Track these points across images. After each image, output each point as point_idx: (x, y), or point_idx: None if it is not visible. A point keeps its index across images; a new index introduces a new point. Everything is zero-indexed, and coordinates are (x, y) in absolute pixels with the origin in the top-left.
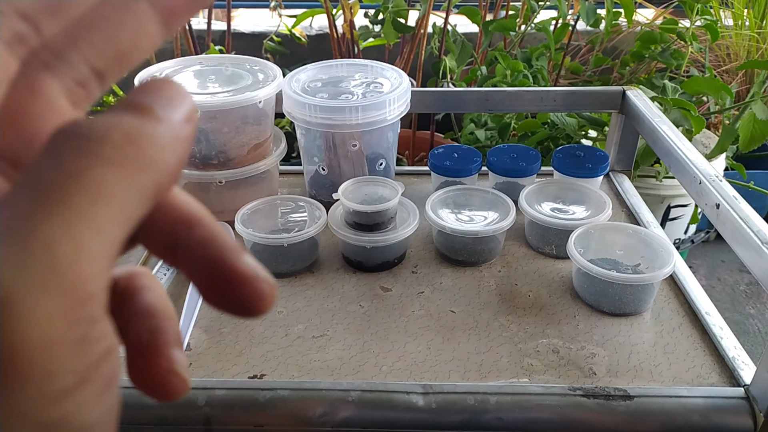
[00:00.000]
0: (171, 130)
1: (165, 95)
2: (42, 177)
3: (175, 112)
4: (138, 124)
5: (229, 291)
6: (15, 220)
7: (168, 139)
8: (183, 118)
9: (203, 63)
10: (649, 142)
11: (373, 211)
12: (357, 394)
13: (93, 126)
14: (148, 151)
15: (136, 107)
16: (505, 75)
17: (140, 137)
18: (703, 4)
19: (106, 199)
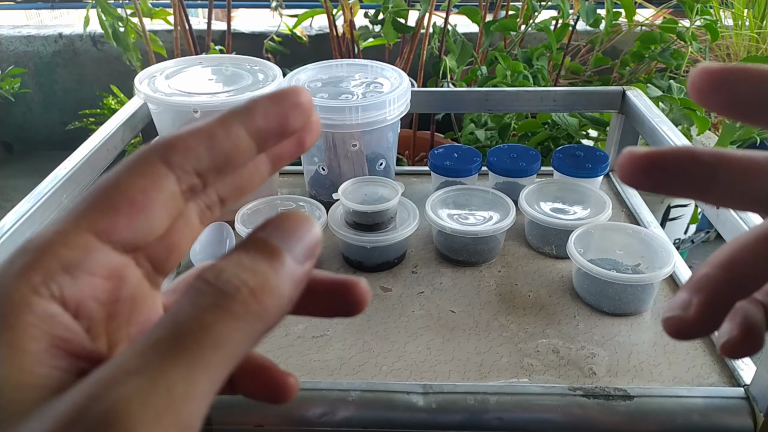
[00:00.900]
0: (292, 276)
1: (295, 234)
2: (181, 323)
3: (301, 251)
4: (265, 277)
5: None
6: (150, 359)
7: (287, 288)
8: (306, 255)
9: (203, 63)
10: (649, 142)
11: (373, 211)
12: (357, 394)
13: (227, 279)
14: (268, 304)
15: (269, 250)
16: (505, 75)
17: (264, 292)
18: (703, 4)
19: (224, 348)
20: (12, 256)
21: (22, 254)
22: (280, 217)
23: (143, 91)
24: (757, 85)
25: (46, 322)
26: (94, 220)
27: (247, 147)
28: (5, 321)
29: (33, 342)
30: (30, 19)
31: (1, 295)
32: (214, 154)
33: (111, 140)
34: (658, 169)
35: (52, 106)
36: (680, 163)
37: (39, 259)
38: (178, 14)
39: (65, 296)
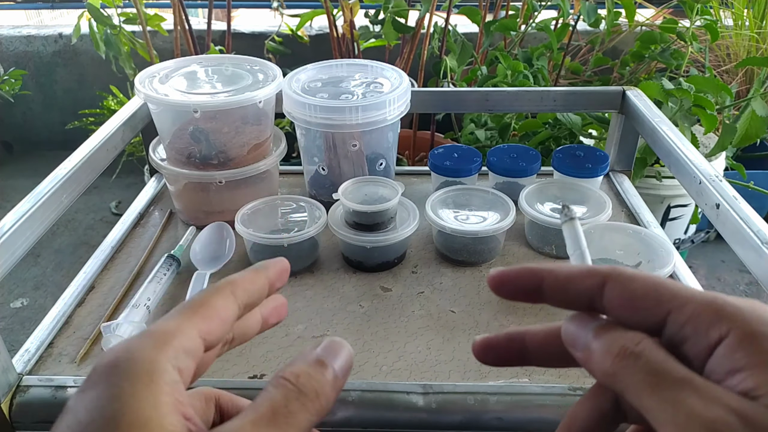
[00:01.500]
0: (335, 384)
1: (337, 354)
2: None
3: (340, 365)
4: (323, 385)
5: None
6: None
7: (333, 393)
8: (344, 370)
9: (203, 63)
10: (649, 142)
11: (373, 211)
12: (357, 394)
13: (303, 383)
14: (324, 404)
15: (321, 364)
16: (506, 75)
17: (321, 395)
18: (703, 4)
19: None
20: (145, 335)
21: (155, 335)
22: (329, 341)
23: (143, 91)
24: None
25: (173, 386)
26: (199, 323)
27: (264, 290)
28: (152, 378)
29: (167, 396)
30: (30, 19)
31: (148, 360)
32: (253, 294)
33: (111, 140)
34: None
35: (52, 106)
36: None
37: (170, 340)
38: (178, 14)
39: (182, 371)
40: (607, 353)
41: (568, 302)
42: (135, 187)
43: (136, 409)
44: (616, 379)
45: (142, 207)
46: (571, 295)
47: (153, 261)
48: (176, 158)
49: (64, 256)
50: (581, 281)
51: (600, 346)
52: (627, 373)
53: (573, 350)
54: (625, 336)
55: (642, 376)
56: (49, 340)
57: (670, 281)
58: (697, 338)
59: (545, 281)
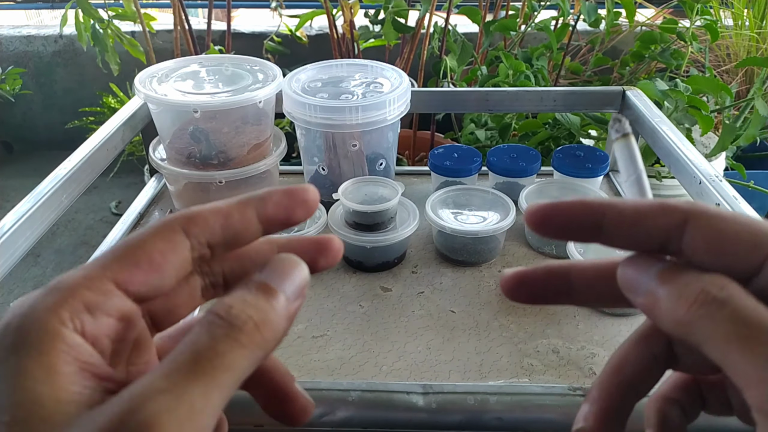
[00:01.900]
0: (286, 311)
1: (288, 276)
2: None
3: (293, 291)
4: (264, 311)
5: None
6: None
7: (282, 321)
8: (297, 294)
9: (203, 63)
10: (649, 142)
11: (373, 211)
12: (357, 394)
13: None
14: (268, 335)
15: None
16: (507, 74)
17: (265, 325)
18: (703, 4)
19: (233, 372)
20: (43, 292)
21: (52, 292)
22: (276, 260)
23: (143, 91)
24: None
25: (74, 349)
26: (116, 270)
27: (255, 229)
28: (42, 347)
29: (66, 365)
30: (30, 19)
31: (38, 325)
32: (227, 231)
33: (111, 140)
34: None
35: (52, 106)
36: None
37: (67, 297)
38: (178, 14)
39: (86, 331)
40: (681, 299)
41: (636, 242)
42: (135, 187)
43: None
44: (692, 328)
45: (142, 207)
46: (640, 235)
47: None
48: (176, 158)
49: (64, 256)
50: (654, 219)
51: (670, 291)
52: (708, 322)
53: (633, 295)
54: (703, 279)
55: (729, 326)
56: None
57: (764, 222)
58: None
59: (607, 218)
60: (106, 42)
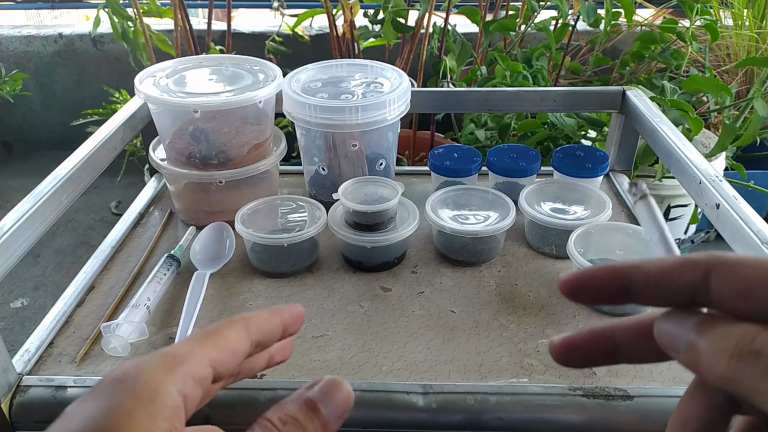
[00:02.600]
0: (325, 427)
1: (333, 396)
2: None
3: (335, 410)
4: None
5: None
6: None
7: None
8: (338, 415)
9: (203, 63)
10: (649, 142)
11: (373, 211)
12: (357, 394)
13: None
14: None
15: (314, 408)
16: (504, 76)
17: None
18: (703, 4)
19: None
20: (160, 353)
21: (167, 356)
22: (325, 380)
23: (143, 91)
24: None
25: (173, 411)
26: (211, 351)
27: (278, 332)
28: (153, 399)
29: (162, 422)
30: (30, 19)
31: (155, 380)
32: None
33: (111, 140)
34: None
35: (52, 106)
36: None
37: (182, 364)
38: (179, 14)
39: (187, 396)
40: (719, 354)
41: (665, 300)
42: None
43: (129, 427)
44: (737, 383)
45: (142, 207)
46: (668, 293)
47: (153, 261)
48: (176, 158)
49: (64, 256)
50: (678, 275)
51: (708, 345)
52: (748, 375)
53: (673, 353)
54: (736, 331)
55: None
56: (49, 340)
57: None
58: None
59: (634, 281)
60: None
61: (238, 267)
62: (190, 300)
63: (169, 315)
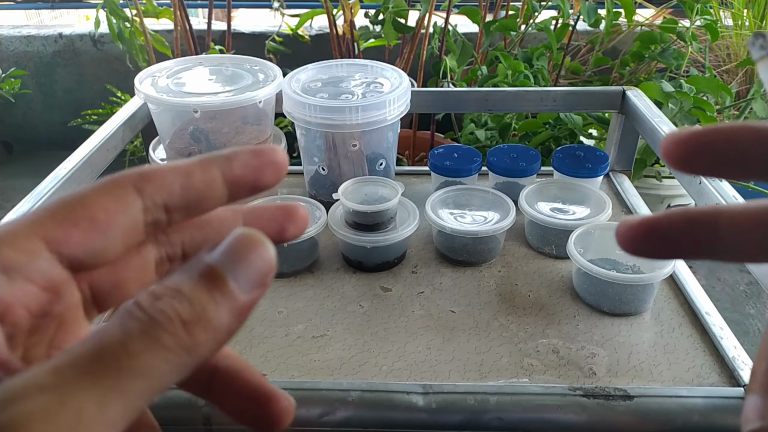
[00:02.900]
0: (234, 308)
1: (245, 259)
2: (106, 345)
3: (249, 279)
4: (201, 309)
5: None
6: (64, 377)
7: (225, 320)
8: (254, 284)
9: (203, 63)
10: (649, 142)
11: (373, 211)
12: (357, 394)
13: (161, 308)
14: (201, 338)
15: (212, 277)
16: (506, 75)
17: (198, 325)
18: (703, 4)
19: (146, 378)
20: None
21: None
22: (233, 238)
23: (143, 91)
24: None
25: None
26: (49, 227)
27: (219, 193)
28: None
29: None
30: (30, 19)
31: None
32: (188, 192)
33: (111, 140)
34: (655, 237)
35: (52, 106)
36: (677, 228)
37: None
38: (178, 14)
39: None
40: None
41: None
42: None
43: None
44: None
45: None
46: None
47: None
48: (176, 158)
49: None
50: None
51: None
52: None
53: None
54: None
55: None
56: None
57: None
58: None
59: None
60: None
61: None
62: None
63: None
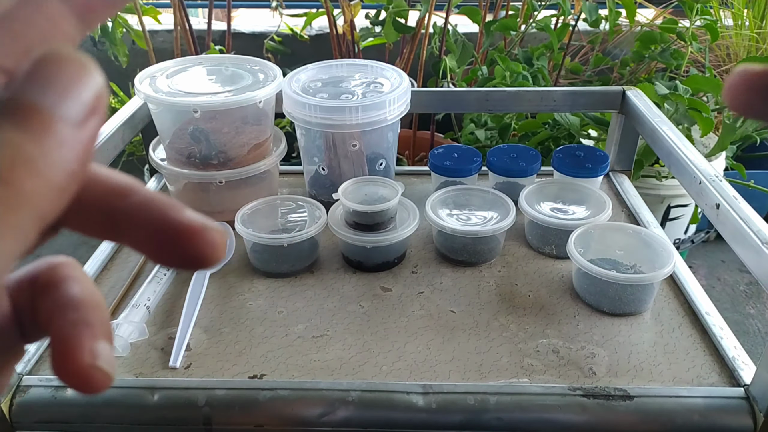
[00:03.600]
0: (65, 141)
1: (67, 88)
2: None
3: (78, 109)
4: (16, 148)
5: (180, 246)
6: None
7: (57, 157)
8: (86, 113)
9: (203, 63)
10: (649, 142)
11: (373, 211)
12: (357, 394)
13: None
14: (26, 186)
15: (22, 112)
16: (504, 76)
17: (14, 170)
18: (703, 4)
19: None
20: None
21: None
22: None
23: (143, 91)
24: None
25: None
26: None
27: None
28: None
29: None
30: None
31: None
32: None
33: (111, 140)
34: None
35: None
36: None
37: None
38: (178, 14)
39: None
40: None
41: None
42: None
43: None
44: None
45: None
46: None
47: (149, 266)
48: (176, 158)
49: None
50: None
51: None
52: None
53: None
54: None
55: None
56: None
57: None
58: None
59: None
60: (114, 34)
61: (238, 267)
62: (190, 300)
63: (169, 315)
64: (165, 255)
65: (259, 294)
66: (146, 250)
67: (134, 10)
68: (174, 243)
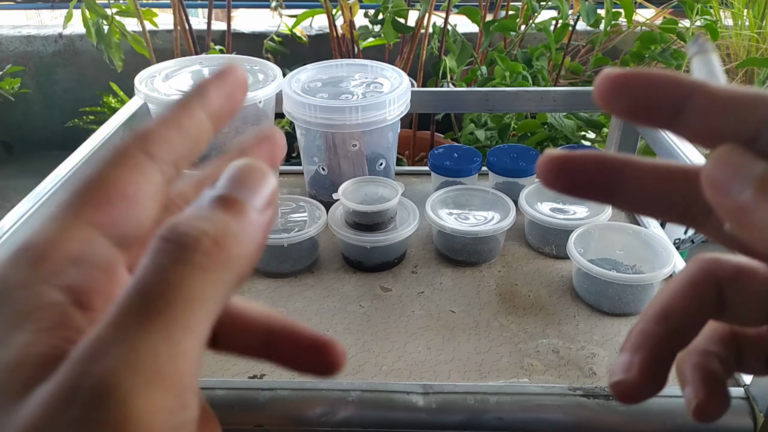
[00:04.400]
0: (254, 222)
1: (251, 184)
2: (147, 286)
3: (259, 199)
4: (225, 224)
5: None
6: (125, 328)
7: (250, 233)
8: (265, 204)
9: (203, 63)
10: (649, 142)
11: (373, 211)
12: (357, 394)
13: (184, 231)
14: (233, 251)
15: (225, 203)
16: (503, 77)
17: (226, 239)
18: (703, 4)
19: (198, 303)
20: (16, 253)
21: (28, 249)
22: (233, 169)
23: (143, 91)
24: (653, 90)
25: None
26: (90, 213)
27: (208, 130)
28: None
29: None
30: (30, 19)
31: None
32: (186, 141)
33: (111, 140)
34: (567, 171)
35: (52, 106)
36: (587, 167)
37: (48, 251)
38: (178, 14)
39: (75, 287)
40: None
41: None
42: None
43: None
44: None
45: None
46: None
47: None
48: None
49: None
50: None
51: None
52: None
53: (719, 198)
54: None
55: None
56: None
57: None
58: None
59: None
60: (110, 38)
61: None
62: None
63: None
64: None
65: (260, 294)
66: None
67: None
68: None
